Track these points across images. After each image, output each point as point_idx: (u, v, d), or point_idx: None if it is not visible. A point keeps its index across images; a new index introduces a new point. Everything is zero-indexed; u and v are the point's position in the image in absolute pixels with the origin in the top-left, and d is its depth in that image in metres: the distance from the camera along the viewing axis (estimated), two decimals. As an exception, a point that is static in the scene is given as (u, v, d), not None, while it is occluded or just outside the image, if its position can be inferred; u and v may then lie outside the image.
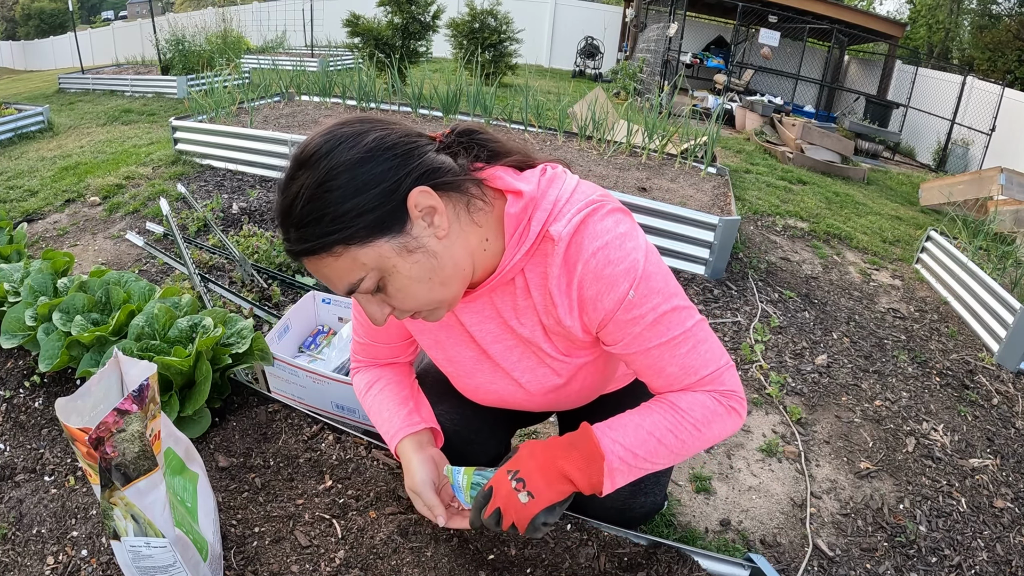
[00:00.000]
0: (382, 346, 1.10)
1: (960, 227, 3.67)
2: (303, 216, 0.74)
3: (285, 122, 4.16)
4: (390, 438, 1.03)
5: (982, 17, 17.25)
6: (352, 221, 0.73)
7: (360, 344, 1.12)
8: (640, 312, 0.81)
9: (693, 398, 0.86)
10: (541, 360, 0.94)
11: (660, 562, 1.04)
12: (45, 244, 2.92)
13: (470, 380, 1.02)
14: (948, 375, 2.42)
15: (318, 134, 0.77)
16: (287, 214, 0.76)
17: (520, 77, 9.12)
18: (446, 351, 1.00)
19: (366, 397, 1.11)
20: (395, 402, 1.07)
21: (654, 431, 0.85)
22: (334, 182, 0.73)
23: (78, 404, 0.82)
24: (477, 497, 0.90)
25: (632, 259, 0.79)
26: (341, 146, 0.75)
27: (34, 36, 24.86)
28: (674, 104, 4.54)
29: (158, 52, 7.97)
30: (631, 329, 0.82)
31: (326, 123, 0.81)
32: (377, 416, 1.07)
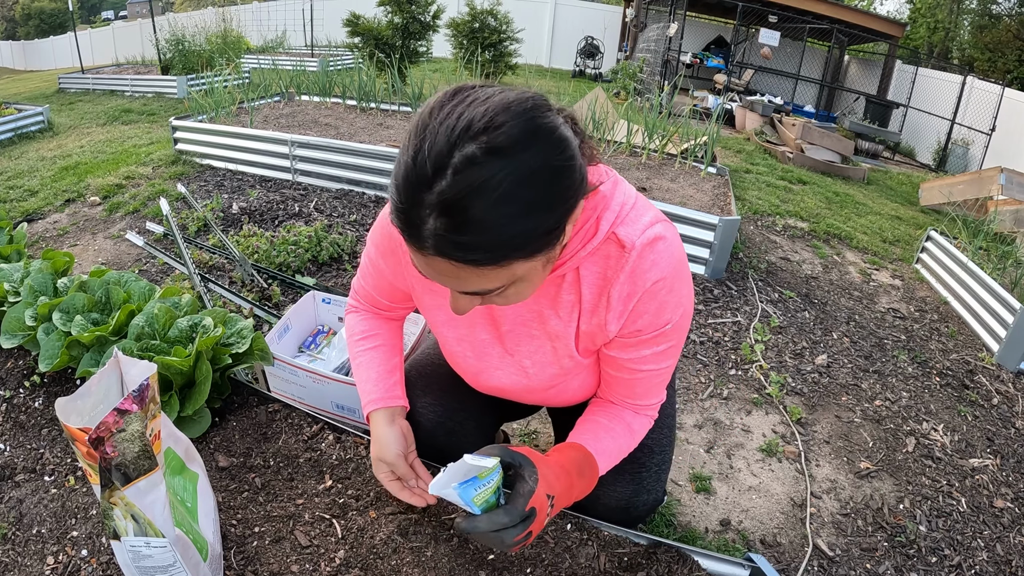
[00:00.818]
0: (385, 301, 1.10)
1: (960, 227, 3.67)
2: (485, 218, 0.59)
3: (285, 122, 4.16)
4: (369, 400, 1.05)
5: (982, 17, 17.25)
6: (537, 237, 0.64)
7: (366, 291, 1.10)
8: (660, 341, 0.88)
9: (642, 424, 1.00)
10: (556, 355, 0.95)
11: (660, 562, 1.05)
12: (45, 244, 2.92)
13: (476, 362, 1.02)
14: (948, 375, 2.42)
15: (511, 112, 0.60)
16: (454, 205, 0.58)
17: (520, 77, 9.12)
18: (458, 329, 0.99)
19: (357, 345, 1.11)
20: (385, 368, 1.08)
21: (620, 454, 0.98)
22: (534, 190, 0.61)
23: (78, 404, 0.82)
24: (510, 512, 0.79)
25: (685, 297, 0.86)
26: (543, 141, 0.62)
27: (34, 36, 24.86)
28: (674, 104, 4.54)
29: (158, 52, 7.97)
30: (641, 350, 0.89)
31: (491, 88, 0.63)
32: (362, 371, 1.08)
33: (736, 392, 2.15)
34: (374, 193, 3.34)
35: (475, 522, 0.78)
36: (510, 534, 0.77)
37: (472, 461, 0.77)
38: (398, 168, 0.62)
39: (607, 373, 0.98)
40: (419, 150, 0.59)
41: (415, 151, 0.60)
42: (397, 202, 0.62)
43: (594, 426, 0.98)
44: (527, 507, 0.78)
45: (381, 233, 0.98)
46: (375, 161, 3.31)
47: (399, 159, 0.62)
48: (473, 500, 0.79)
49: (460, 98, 0.62)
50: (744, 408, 2.07)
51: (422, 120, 0.62)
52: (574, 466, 0.89)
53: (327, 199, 3.26)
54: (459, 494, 0.78)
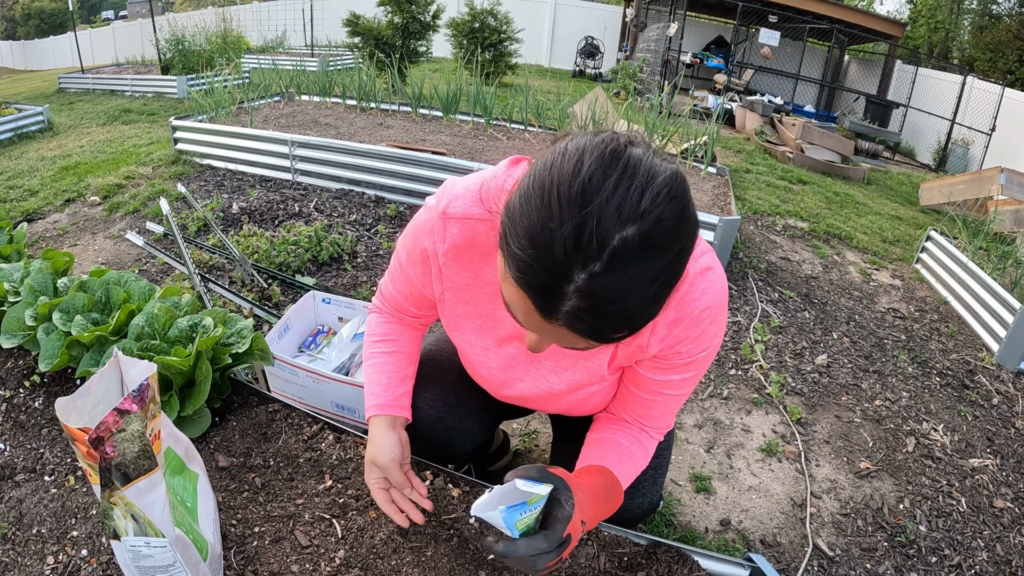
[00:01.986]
0: (411, 308, 1.09)
1: (960, 227, 3.67)
2: (627, 307, 0.60)
3: (285, 122, 4.16)
4: (374, 404, 1.05)
5: (982, 17, 17.25)
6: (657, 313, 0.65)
7: (393, 296, 1.09)
8: (691, 368, 0.90)
9: (654, 447, 1.02)
10: (586, 372, 0.95)
11: (660, 562, 1.05)
12: (45, 244, 2.92)
13: (500, 375, 1.02)
14: (948, 375, 2.42)
15: (671, 200, 0.58)
16: (604, 293, 0.58)
17: (520, 77, 9.12)
18: (485, 341, 0.99)
19: (373, 346, 1.11)
20: (397, 375, 1.08)
21: (635, 476, 0.99)
22: (671, 277, 0.62)
23: (78, 404, 0.82)
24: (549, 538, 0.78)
25: (722, 328, 0.88)
26: (688, 230, 0.62)
27: (34, 36, 24.85)
28: (674, 104, 4.54)
29: (158, 52, 7.97)
30: (671, 374, 0.92)
31: (644, 152, 0.60)
32: (373, 373, 1.08)
33: (736, 392, 2.15)
34: (374, 193, 3.34)
35: (514, 547, 0.76)
36: (544, 559, 0.77)
37: (524, 487, 0.75)
38: (546, 234, 0.57)
39: (627, 390, 0.99)
40: (582, 228, 0.56)
41: (577, 228, 0.56)
42: (540, 273, 0.58)
43: (616, 448, 0.97)
44: (564, 533, 0.77)
45: (414, 242, 0.95)
46: (375, 161, 3.31)
47: (543, 222, 0.57)
48: (515, 524, 0.76)
49: (622, 168, 0.58)
50: (744, 408, 2.07)
51: (583, 187, 0.57)
52: (602, 492, 0.89)
53: (327, 199, 3.26)
54: (503, 518, 0.75)
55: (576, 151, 0.60)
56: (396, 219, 3.10)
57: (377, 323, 1.13)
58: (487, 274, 0.91)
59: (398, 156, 3.25)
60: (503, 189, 0.84)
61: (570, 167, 0.59)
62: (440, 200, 0.90)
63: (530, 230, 0.58)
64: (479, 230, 0.87)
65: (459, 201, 0.88)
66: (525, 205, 0.60)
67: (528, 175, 0.63)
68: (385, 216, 3.11)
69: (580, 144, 0.61)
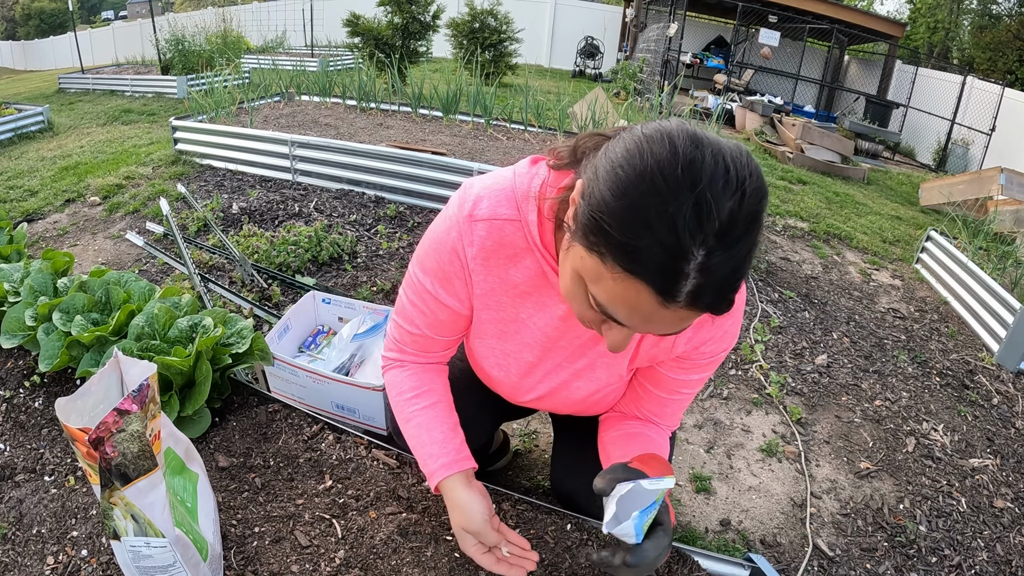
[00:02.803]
0: (441, 340, 1.01)
1: (960, 227, 3.67)
2: (743, 276, 0.63)
3: (285, 122, 4.16)
4: (439, 465, 0.97)
5: (982, 17, 17.25)
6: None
7: (414, 336, 1.00)
8: (711, 366, 0.94)
9: (667, 441, 1.03)
10: (608, 373, 0.96)
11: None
12: (45, 244, 2.92)
13: (518, 379, 1.00)
14: (948, 375, 2.42)
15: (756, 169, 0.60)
16: (738, 265, 0.60)
17: (520, 77, 9.12)
18: (505, 344, 0.97)
19: (410, 404, 1.02)
20: (448, 428, 1.00)
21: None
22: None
23: (78, 404, 0.82)
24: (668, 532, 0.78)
25: (739, 328, 0.90)
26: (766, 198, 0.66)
27: (34, 36, 24.85)
28: (674, 104, 4.54)
29: (158, 52, 7.98)
30: (691, 373, 0.94)
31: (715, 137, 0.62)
32: (422, 433, 0.99)
33: (736, 392, 2.15)
34: (374, 193, 3.34)
35: (643, 553, 0.74)
36: (665, 554, 0.77)
37: (651, 486, 0.72)
38: (665, 218, 0.57)
39: (644, 388, 0.99)
40: (699, 205, 0.57)
41: (695, 206, 0.57)
42: (663, 257, 0.58)
43: (650, 441, 0.98)
44: (673, 523, 0.78)
45: (438, 257, 0.89)
46: (375, 161, 3.31)
47: (658, 207, 0.57)
48: (643, 527, 0.74)
49: (708, 146, 0.60)
50: (744, 408, 2.07)
51: (687, 167, 0.58)
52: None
53: (327, 199, 3.26)
54: (635, 525, 0.73)
55: (659, 136, 0.61)
56: (396, 219, 3.10)
57: (403, 378, 1.04)
58: (512, 277, 0.88)
59: (398, 156, 3.25)
60: (530, 189, 0.83)
61: (664, 150, 0.59)
62: (463, 204, 0.86)
63: (644, 217, 0.58)
64: (507, 231, 0.85)
65: (484, 202, 0.85)
66: (628, 194, 0.59)
67: (607, 169, 0.62)
68: (385, 216, 3.11)
69: (657, 129, 0.62)
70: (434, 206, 3.23)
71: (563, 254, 0.72)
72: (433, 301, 0.94)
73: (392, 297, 2.40)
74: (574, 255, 0.67)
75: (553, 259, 0.84)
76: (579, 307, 0.72)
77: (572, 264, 0.68)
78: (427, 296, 0.94)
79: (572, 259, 0.68)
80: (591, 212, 0.62)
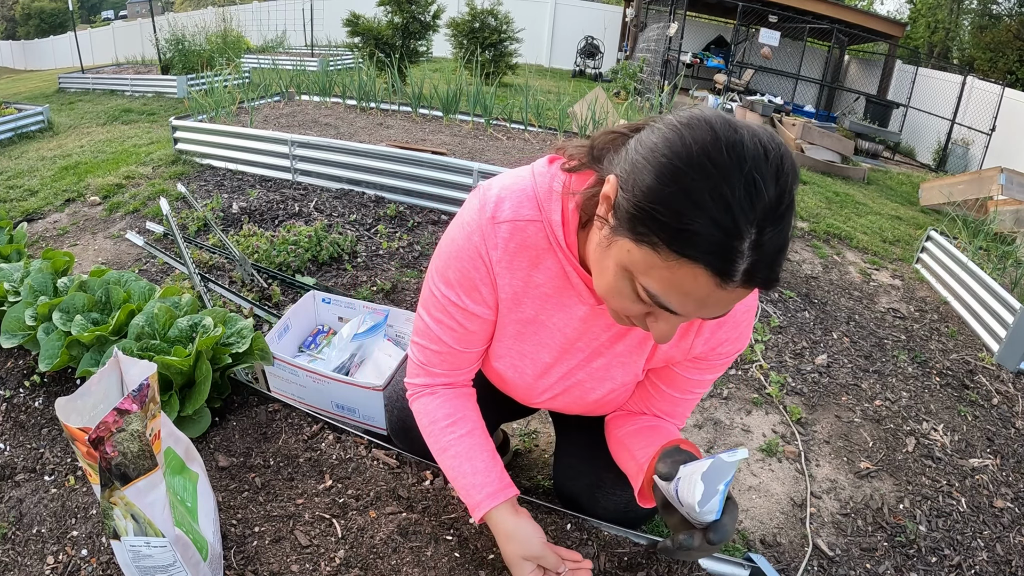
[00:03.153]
0: (471, 353, 0.97)
1: (960, 227, 3.68)
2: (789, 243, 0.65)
3: (285, 122, 4.16)
4: (485, 495, 0.94)
5: (982, 17, 17.25)
6: None
7: (442, 355, 0.96)
8: (724, 367, 0.96)
9: (679, 434, 1.03)
10: (624, 373, 0.96)
11: (660, 562, 1.05)
12: (45, 244, 2.92)
13: (533, 381, 0.99)
14: (948, 375, 2.42)
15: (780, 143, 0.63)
16: (786, 238, 0.63)
17: (520, 77, 9.12)
18: (523, 345, 0.95)
19: (445, 432, 0.98)
20: (489, 455, 0.98)
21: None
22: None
23: (78, 404, 0.82)
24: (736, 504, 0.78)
25: (752, 328, 0.92)
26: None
27: (34, 36, 24.84)
28: (674, 104, 4.54)
29: (158, 52, 7.97)
30: (705, 373, 0.96)
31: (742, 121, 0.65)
32: (463, 463, 0.97)
33: (736, 392, 2.15)
34: (374, 193, 3.34)
35: (724, 529, 0.75)
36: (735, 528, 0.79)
37: (730, 458, 0.72)
38: (720, 201, 0.58)
39: (657, 388, 1.00)
40: (751, 185, 0.59)
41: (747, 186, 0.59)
42: (721, 238, 0.59)
43: (670, 432, 0.99)
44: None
45: (460, 266, 0.86)
46: (375, 161, 3.31)
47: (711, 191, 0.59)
48: (723, 502, 0.75)
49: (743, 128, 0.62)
50: (744, 408, 2.07)
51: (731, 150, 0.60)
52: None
53: (327, 199, 3.26)
54: (720, 499, 0.73)
55: (697, 122, 0.62)
56: (396, 219, 3.10)
57: (435, 405, 1.00)
58: (535, 278, 0.87)
59: (398, 156, 3.25)
60: (551, 189, 0.82)
61: (706, 135, 0.60)
62: (484, 207, 0.84)
63: (697, 200, 0.59)
64: (529, 231, 0.83)
65: (506, 203, 0.83)
66: (678, 180, 0.60)
67: (648, 158, 0.63)
68: (385, 216, 3.11)
69: (692, 116, 0.63)
70: (434, 206, 3.23)
71: (600, 252, 0.72)
72: (460, 312, 0.90)
73: (392, 297, 2.40)
74: (619, 250, 0.67)
75: (576, 259, 0.83)
76: (623, 303, 0.71)
77: (617, 260, 0.68)
78: (453, 309, 0.90)
79: (616, 254, 0.68)
80: (637, 203, 0.63)
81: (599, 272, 0.73)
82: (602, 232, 0.70)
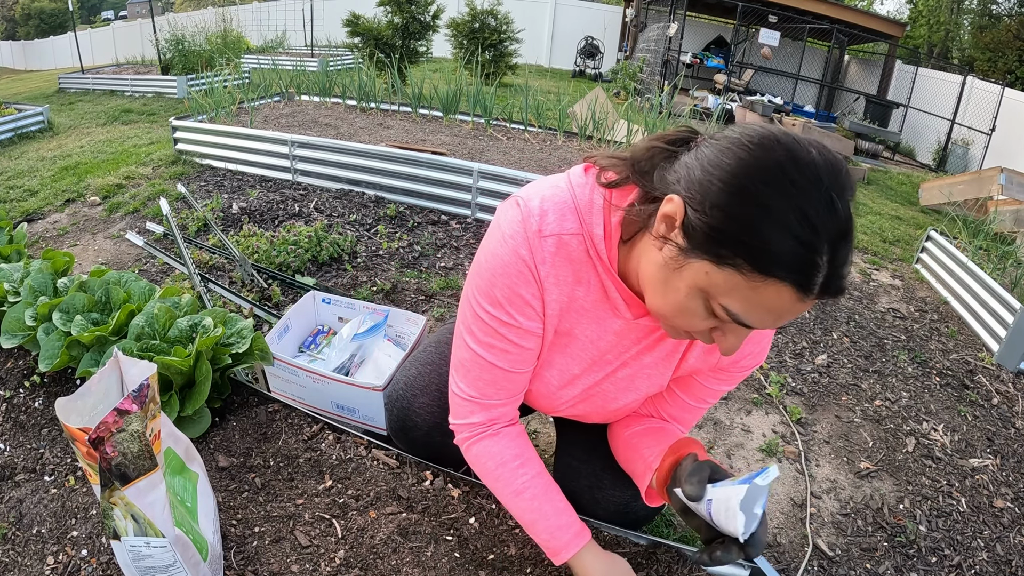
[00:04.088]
0: (525, 374, 0.93)
1: (960, 227, 3.67)
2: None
3: (285, 122, 4.16)
4: (571, 536, 0.93)
5: (982, 17, 17.25)
6: None
7: (498, 382, 0.91)
8: (743, 378, 0.99)
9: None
10: (650, 384, 0.96)
11: (660, 562, 1.05)
12: (45, 244, 2.92)
13: (556, 389, 0.97)
14: (948, 375, 2.42)
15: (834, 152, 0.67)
16: (850, 253, 0.66)
17: (520, 77, 9.12)
18: (552, 356, 0.94)
19: (517, 474, 0.94)
20: (561, 493, 0.96)
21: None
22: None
23: (78, 404, 0.82)
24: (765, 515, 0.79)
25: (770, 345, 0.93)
26: None
27: (34, 36, 24.85)
28: (674, 104, 4.54)
29: (158, 52, 7.98)
30: (723, 385, 0.98)
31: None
32: (543, 506, 0.94)
33: (736, 392, 2.15)
34: (374, 193, 3.34)
35: (758, 543, 0.76)
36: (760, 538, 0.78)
37: (763, 481, 0.73)
38: (807, 220, 0.61)
39: (673, 395, 1.01)
40: (831, 203, 0.62)
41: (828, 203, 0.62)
42: (807, 255, 0.61)
43: (674, 434, 1.00)
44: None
45: (513, 282, 0.82)
46: (375, 161, 3.31)
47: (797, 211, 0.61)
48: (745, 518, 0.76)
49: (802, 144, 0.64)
50: (744, 408, 2.07)
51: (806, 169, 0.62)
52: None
53: (327, 199, 3.26)
54: (758, 521, 0.74)
55: (769, 140, 0.64)
56: (396, 219, 3.10)
57: (500, 447, 0.95)
58: (576, 292, 0.85)
59: (398, 156, 3.25)
60: (592, 201, 0.80)
61: (781, 155, 0.63)
62: (527, 220, 0.80)
63: (783, 222, 0.61)
64: (572, 245, 0.81)
65: (550, 216, 0.81)
66: (760, 202, 0.62)
67: (722, 180, 0.64)
68: (385, 216, 3.11)
69: (759, 134, 0.65)
70: (434, 206, 3.23)
71: (666, 272, 0.71)
72: (514, 331, 0.86)
73: (392, 297, 2.40)
74: (694, 272, 0.67)
75: (616, 273, 0.82)
76: (692, 321, 0.72)
77: (692, 282, 0.68)
78: (506, 329, 0.86)
79: (692, 277, 0.68)
80: (717, 225, 0.64)
81: (663, 292, 0.73)
82: (664, 252, 0.70)
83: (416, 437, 1.13)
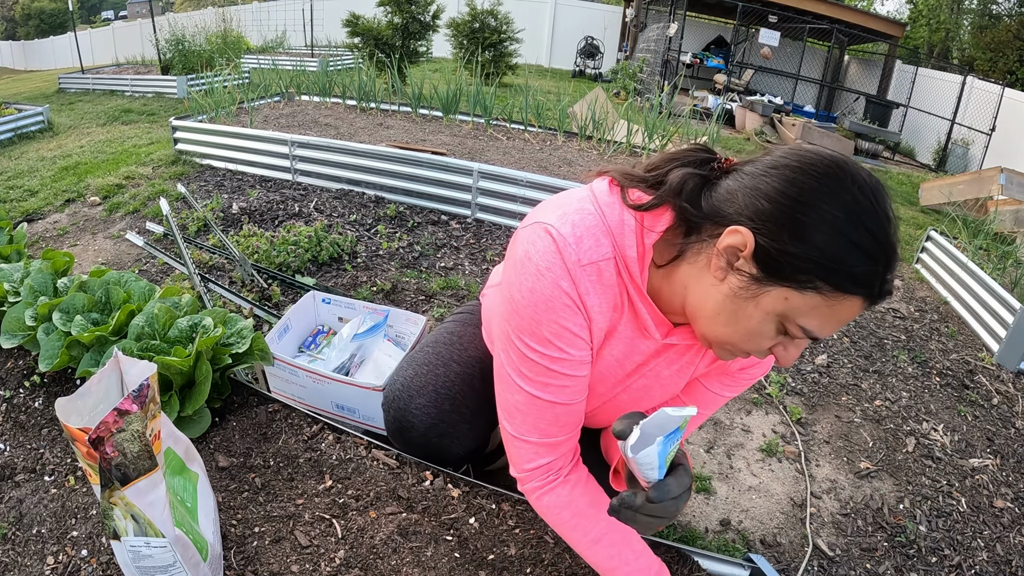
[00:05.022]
0: (584, 402, 0.90)
1: (960, 227, 3.67)
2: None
3: (285, 122, 4.16)
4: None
5: (982, 17, 17.25)
6: None
7: (559, 418, 0.87)
8: (743, 388, 1.02)
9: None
10: (664, 391, 0.98)
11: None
12: (45, 244, 2.92)
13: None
14: (948, 375, 2.42)
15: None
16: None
17: (520, 77, 9.12)
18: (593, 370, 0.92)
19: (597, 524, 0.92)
20: (639, 542, 0.95)
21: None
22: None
23: (78, 404, 0.82)
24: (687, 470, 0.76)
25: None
26: None
27: (34, 36, 24.85)
28: (674, 104, 4.54)
29: (158, 52, 7.98)
30: (727, 391, 1.00)
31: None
32: (624, 551, 0.92)
33: (736, 392, 2.15)
34: (374, 193, 3.34)
35: (665, 488, 0.72)
36: (686, 497, 0.76)
37: (674, 412, 0.71)
38: (880, 239, 0.68)
39: (678, 401, 1.02)
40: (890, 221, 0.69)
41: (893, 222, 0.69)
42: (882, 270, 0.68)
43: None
44: (690, 465, 0.81)
45: (559, 317, 0.79)
46: (375, 161, 3.31)
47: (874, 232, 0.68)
48: (666, 459, 0.73)
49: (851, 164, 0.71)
50: (744, 408, 2.07)
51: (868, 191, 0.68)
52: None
53: (327, 199, 3.26)
54: (659, 451, 0.71)
55: (831, 167, 0.69)
56: (396, 219, 3.10)
57: (574, 496, 0.91)
58: (614, 317, 0.84)
59: (398, 156, 3.25)
60: (624, 223, 0.78)
61: (848, 181, 0.68)
62: (564, 250, 0.76)
63: (861, 245, 0.67)
64: (607, 271, 0.79)
65: (586, 242, 0.77)
66: (840, 230, 0.67)
67: (794, 207, 0.68)
68: (385, 216, 3.11)
69: (818, 161, 0.69)
70: (434, 206, 3.23)
71: (737, 302, 0.72)
72: (568, 364, 0.82)
73: (392, 297, 2.40)
74: (773, 299, 0.70)
75: (647, 296, 0.81)
76: (760, 343, 0.75)
77: (770, 309, 0.71)
78: (559, 364, 0.82)
79: (770, 304, 0.70)
80: (800, 254, 0.67)
81: (734, 321, 0.74)
82: (730, 283, 0.72)
83: (413, 438, 1.13)
